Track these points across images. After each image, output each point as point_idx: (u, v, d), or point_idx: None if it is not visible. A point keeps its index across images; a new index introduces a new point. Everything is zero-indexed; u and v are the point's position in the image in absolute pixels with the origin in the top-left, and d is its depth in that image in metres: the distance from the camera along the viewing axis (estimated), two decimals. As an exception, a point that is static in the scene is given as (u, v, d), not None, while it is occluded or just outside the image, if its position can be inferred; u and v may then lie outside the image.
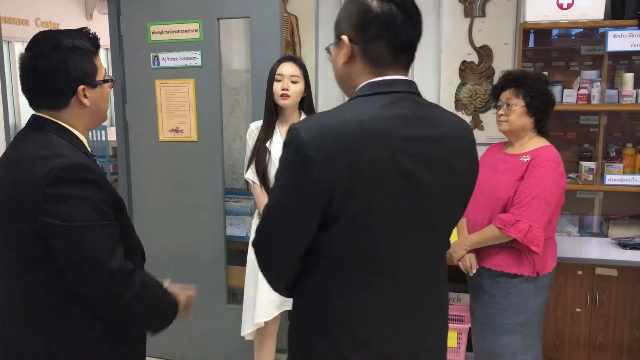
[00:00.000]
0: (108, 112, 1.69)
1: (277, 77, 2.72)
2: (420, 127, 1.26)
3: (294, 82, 2.72)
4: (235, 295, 3.45)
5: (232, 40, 3.71)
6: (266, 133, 2.79)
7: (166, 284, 1.62)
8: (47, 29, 5.49)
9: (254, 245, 1.35)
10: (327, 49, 1.44)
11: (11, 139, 2.45)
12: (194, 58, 3.12)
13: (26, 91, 1.46)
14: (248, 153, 2.86)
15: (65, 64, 1.42)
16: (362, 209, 1.22)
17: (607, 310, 3.06)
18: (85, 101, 1.46)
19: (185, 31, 3.11)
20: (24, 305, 1.43)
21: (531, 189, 2.27)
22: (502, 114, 2.41)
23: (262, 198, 2.82)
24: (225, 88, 3.20)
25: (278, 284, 1.42)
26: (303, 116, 2.81)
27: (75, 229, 1.32)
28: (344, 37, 1.28)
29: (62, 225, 1.31)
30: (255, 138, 2.81)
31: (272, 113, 2.78)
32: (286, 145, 1.22)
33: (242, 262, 3.27)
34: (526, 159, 2.34)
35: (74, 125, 1.48)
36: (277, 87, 2.71)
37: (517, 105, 2.36)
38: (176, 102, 3.19)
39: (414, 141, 1.24)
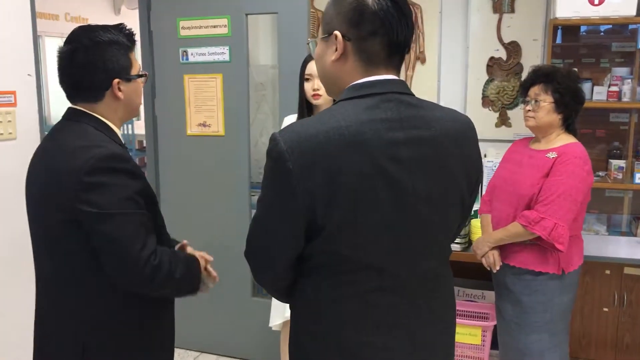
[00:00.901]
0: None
1: (306, 76, 2.70)
2: (406, 130, 1.19)
3: None
4: (260, 289, 3.48)
5: (259, 36, 3.74)
6: None
7: (185, 242, 1.70)
8: (76, 24, 5.55)
9: (244, 255, 1.31)
10: (309, 43, 1.38)
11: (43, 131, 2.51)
12: (222, 53, 3.14)
13: (64, 84, 1.51)
14: None
15: (102, 57, 1.46)
16: (345, 219, 1.16)
17: (635, 311, 3.02)
18: (120, 94, 1.50)
19: (214, 27, 3.13)
20: (62, 293, 1.47)
21: (557, 186, 2.25)
22: (529, 110, 2.39)
23: None
24: (252, 83, 3.23)
25: (269, 290, 1.40)
26: None
27: (110, 216, 1.36)
28: (337, 33, 1.21)
29: (98, 212, 1.35)
30: None
31: (303, 111, 2.78)
32: (267, 155, 1.18)
33: (267, 256, 3.31)
34: (552, 155, 2.31)
35: (109, 117, 1.52)
36: (307, 87, 2.70)
37: (546, 101, 2.33)
38: (204, 97, 3.22)
39: (400, 145, 1.17)
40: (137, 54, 1.84)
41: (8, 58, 2.36)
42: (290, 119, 2.84)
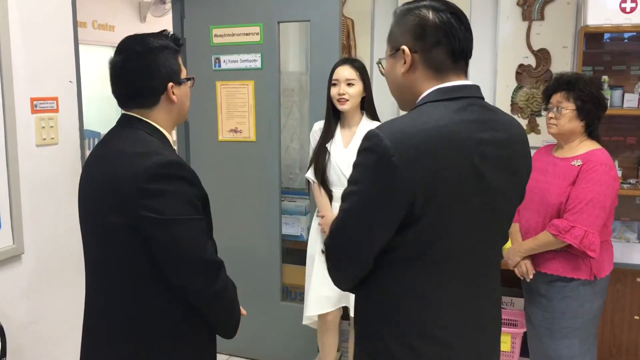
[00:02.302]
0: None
1: (333, 81, 2.76)
2: (489, 131, 1.31)
3: (350, 85, 2.75)
4: (289, 293, 3.51)
5: (289, 43, 3.79)
6: (326, 134, 2.83)
7: None
8: (103, 31, 5.64)
9: (327, 245, 1.38)
10: (379, 63, 1.48)
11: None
12: (254, 60, 3.20)
13: (119, 92, 1.55)
14: (311, 153, 2.91)
15: (156, 62, 1.50)
16: (441, 212, 1.26)
17: (667, 319, 3.01)
18: (174, 98, 1.54)
19: (246, 34, 3.19)
20: (114, 298, 1.50)
21: (585, 194, 2.25)
22: (552, 117, 2.40)
23: (320, 197, 2.87)
24: (283, 89, 3.27)
25: (345, 283, 1.44)
26: (365, 117, 2.85)
27: (172, 222, 1.39)
28: (404, 47, 1.33)
29: (160, 218, 1.38)
30: (317, 138, 2.87)
31: (331, 115, 2.83)
32: (366, 150, 1.25)
33: (296, 261, 3.35)
34: (577, 163, 2.32)
35: (162, 123, 1.56)
36: (333, 92, 2.75)
37: (568, 108, 2.34)
38: (236, 103, 3.28)
39: (486, 144, 1.29)
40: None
41: (51, 65, 2.43)
42: (320, 124, 2.89)
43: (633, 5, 2.92)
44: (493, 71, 3.48)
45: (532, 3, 3.35)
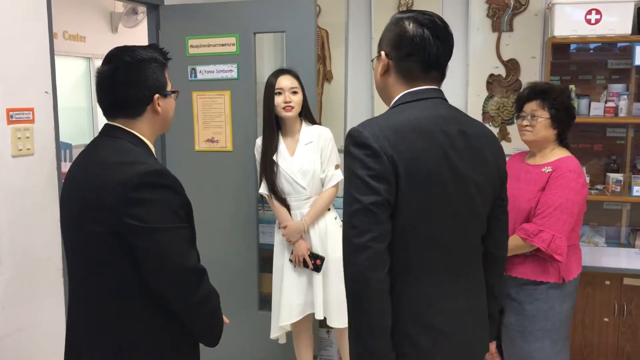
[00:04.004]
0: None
1: (277, 90, 2.82)
2: (456, 125, 1.47)
3: (295, 93, 2.82)
4: (267, 302, 3.51)
5: (265, 54, 3.82)
6: (269, 147, 2.87)
7: None
8: (75, 42, 5.58)
9: (349, 256, 1.37)
10: (372, 61, 1.62)
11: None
12: (230, 71, 3.22)
13: (105, 102, 1.56)
14: (258, 168, 2.95)
15: (145, 73, 1.53)
16: (420, 197, 1.39)
17: (635, 320, 3.09)
18: (159, 109, 1.57)
19: (222, 45, 3.21)
20: (98, 307, 1.51)
21: (553, 200, 2.31)
22: (527, 125, 2.46)
23: (278, 209, 2.91)
24: (259, 99, 3.30)
25: (382, 280, 1.39)
26: (304, 124, 2.91)
27: (155, 230, 1.41)
28: (382, 53, 1.52)
29: (144, 226, 1.40)
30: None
31: (273, 126, 2.87)
32: (351, 145, 1.38)
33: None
34: (548, 170, 2.38)
35: (145, 133, 1.58)
36: (279, 100, 2.81)
37: (542, 117, 2.41)
38: (212, 113, 3.29)
39: (454, 136, 1.45)
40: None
41: (27, 75, 2.42)
42: (260, 140, 2.92)
43: (597, 17, 3.03)
44: (464, 81, 3.56)
45: (501, 15, 3.45)
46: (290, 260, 2.92)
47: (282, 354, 3.29)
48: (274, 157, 2.86)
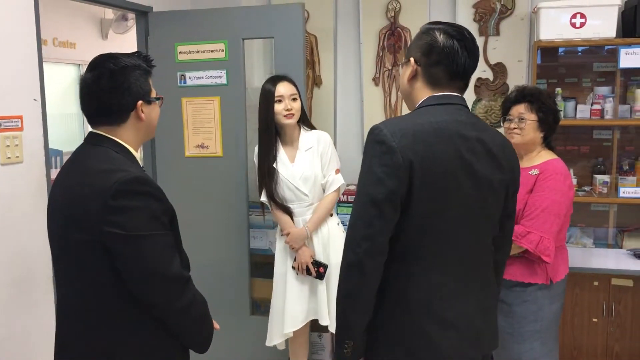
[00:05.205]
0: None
1: (277, 98, 2.79)
2: (475, 130, 1.55)
3: (294, 100, 2.81)
4: (258, 307, 3.52)
5: (254, 59, 3.83)
6: (268, 155, 2.85)
7: None
8: (64, 48, 5.56)
9: (352, 246, 1.48)
10: (400, 66, 1.74)
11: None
12: (219, 77, 3.24)
13: (89, 108, 1.56)
14: (257, 176, 2.94)
15: (128, 81, 1.53)
16: (436, 195, 1.47)
17: (623, 320, 3.11)
18: (143, 116, 1.57)
19: (212, 51, 3.23)
20: (85, 314, 1.51)
21: (541, 202, 2.34)
22: (515, 127, 2.49)
23: (280, 216, 2.90)
24: (249, 105, 3.31)
25: (377, 268, 1.51)
26: (303, 130, 2.90)
27: (137, 238, 1.41)
28: (411, 59, 1.60)
29: (125, 234, 1.40)
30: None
31: (272, 134, 2.85)
32: (370, 142, 1.48)
33: (264, 274, 3.36)
34: (535, 172, 2.41)
35: (128, 141, 1.58)
36: (279, 108, 2.79)
37: (530, 119, 2.44)
38: (202, 119, 3.30)
39: (473, 140, 1.53)
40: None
41: (15, 83, 2.42)
42: (257, 149, 2.92)
43: (582, 20, 3.07)
44: (453, 85, 3.59)
45: (487, 19, 3.49)
46: (293, 268, 2.92)
47: (274, 358, 3.30)
48: (274, 165, 2.85)
